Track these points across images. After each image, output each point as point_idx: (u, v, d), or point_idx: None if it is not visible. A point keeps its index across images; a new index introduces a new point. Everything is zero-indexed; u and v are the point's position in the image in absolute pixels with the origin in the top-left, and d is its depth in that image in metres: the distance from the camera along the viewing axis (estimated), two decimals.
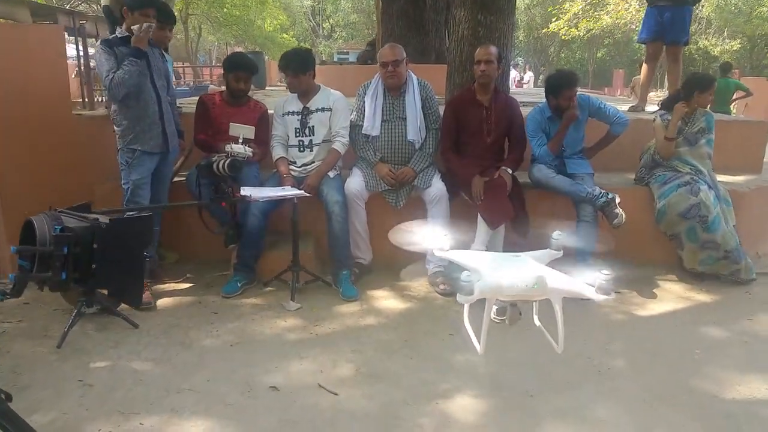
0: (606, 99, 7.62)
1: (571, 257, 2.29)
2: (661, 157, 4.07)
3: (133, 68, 3.25)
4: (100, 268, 1.49)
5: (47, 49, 3.80)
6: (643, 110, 5.49)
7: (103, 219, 1.50)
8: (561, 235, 2.11)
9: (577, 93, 3.85)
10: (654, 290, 3.79)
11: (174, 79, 4.72)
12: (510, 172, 3.70)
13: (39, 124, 3.76)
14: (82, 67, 12.24)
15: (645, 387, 2.65)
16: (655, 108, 4.70)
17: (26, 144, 3.74)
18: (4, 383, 2.58)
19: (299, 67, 3.77)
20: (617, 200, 3.67)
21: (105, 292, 2.62)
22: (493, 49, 3.71)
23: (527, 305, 2.29)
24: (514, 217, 3.61)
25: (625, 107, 5.61)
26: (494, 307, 1.99)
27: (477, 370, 2.75)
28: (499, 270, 1.93)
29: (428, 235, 2.16)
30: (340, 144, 3.86)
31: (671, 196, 3.88)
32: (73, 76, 11.90)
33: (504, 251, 3.76)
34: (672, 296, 3.73)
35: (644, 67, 5.78)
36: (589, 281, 1.83)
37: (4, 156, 3.70)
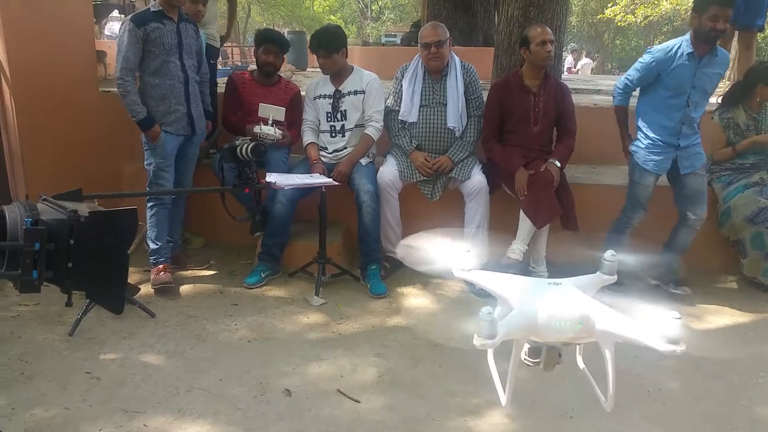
0: None
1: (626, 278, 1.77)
2: (716, 161, 3.69)
3: (133, 103, 3.17)
4: (77, 267, 1.30)
5: (73, 22, 3.67)
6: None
7: (83, 211, 1.31)
8: (616, 257, 1.69)
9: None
10: (712, 300, 3.44)
11: (220, 59, 4.54)
12: (558, 165, 3.39)
13: (64, 102, 3.64)
14: None
15: (700, 413, 2.35)
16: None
17: (50, 123, 3.63)
18: (11, 371, 2.50)
19: (330, 44, 3.53)
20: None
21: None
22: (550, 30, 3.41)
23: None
24: (561, 215, 3.32)
25: None
26: (526, 347, 1.54)
27: (504, 374, 2.49)
28: (532, 302, 1.49)
29: (447, 251, 1.74)
30: (374, 129, 3.62)
31: (737, 198, 3.51)
32: None
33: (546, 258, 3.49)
34: (732, 308, 3.36)
35: None
36: (651, 321, 1.42)
37: (28, 135, 3.60)
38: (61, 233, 1.29)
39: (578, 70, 16.64)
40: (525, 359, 1.55)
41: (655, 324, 1.37)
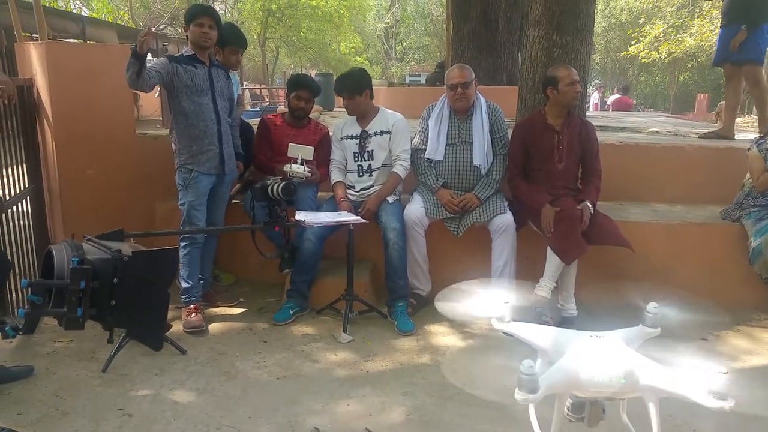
0: (689, 124, 7.15)
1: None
2: (759, 192, 3.65)
3: (130, 70, 3.06)
4: (120, 304, 1.35)
5: (114, 69, 3.84)
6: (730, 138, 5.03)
7: (125, 251, 1.38)
8: (659, 309, 1.61)
9: None
10: (745, 339, 3.36)
11: (249, 101, 4.69)
12: (591, 207, 3.40)
13: (102, 143, 3.80)
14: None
15: None
16: (753, 135, 4.25)
17: (89, 162, 3.78)
18: (46, 407, 2.54)
19: (353, 88, 3.65)
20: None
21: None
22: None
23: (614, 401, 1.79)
24: (613, 239, 3.35)
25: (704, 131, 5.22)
26: (569, 402, 1.51)
27: (547, 426, 2.46)
28: (575, 357, 1.48)
29: (485, 302, 1.71)
30: (401, 168, 3.68)
31: None
32: (156, 95, 12.42)
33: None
34: (767, 347, 3.29)
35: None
36: (697, 375, 1.37)
37: (67, 174, 3.75)
38: (105, 272, 1.35)
39: (609, 106, 16.61)
40: (568, 415, 1.52)
41: (702, 379, 1.34)
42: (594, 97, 16.63)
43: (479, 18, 7.27)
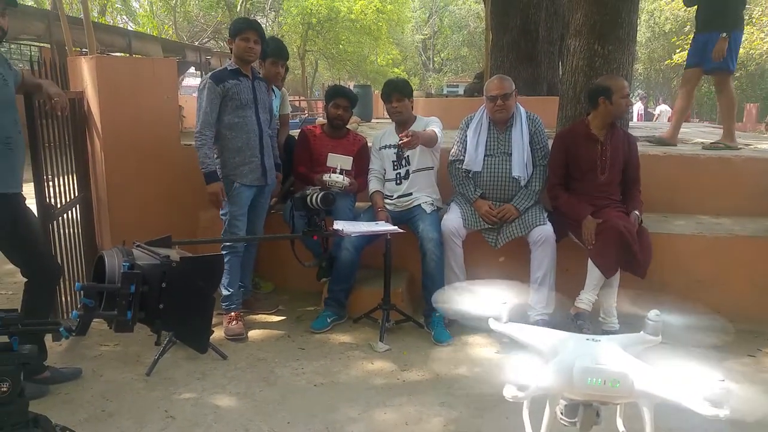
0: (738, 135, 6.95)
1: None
2: None
3: (206, 156, 3.32)
4: (168, 308, 1.40)
5: (160, 82, 3.97)
6: None
7: (174, 257, 1.42)
8: (661, 317, 1.53)
9: None
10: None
11: (290, 112, 4.76)
12: (639, 217, 3.37)
13: (148, 154, 3.92)
14: None
15: None
16: None
17: (135, 172, 3.91)
18: (93, 408, 2.63)
19: (405, 89, 3.72)
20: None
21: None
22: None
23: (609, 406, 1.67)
24: (634, 260, 3.26)
25: (763, 145, 5.05)
26: (563, 404, 1.45)
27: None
28: (568, 357, 1.43)
29: (483, 303, 1.69)
30: (437, 130, 3.63)
31: None
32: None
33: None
34: None
35: None
36: (694, 383, 1.31)
37: (114, 184, 3.88)
38: (154, 277, 1.40)
39: (656, 116, 16.28)
40: (561, 419, 1.47)
41: (699, 386, 1.30)
42: (638, 107, 16.32)
43: (519, 28, 7.25)
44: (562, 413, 1.46)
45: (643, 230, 3.40)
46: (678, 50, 22.37)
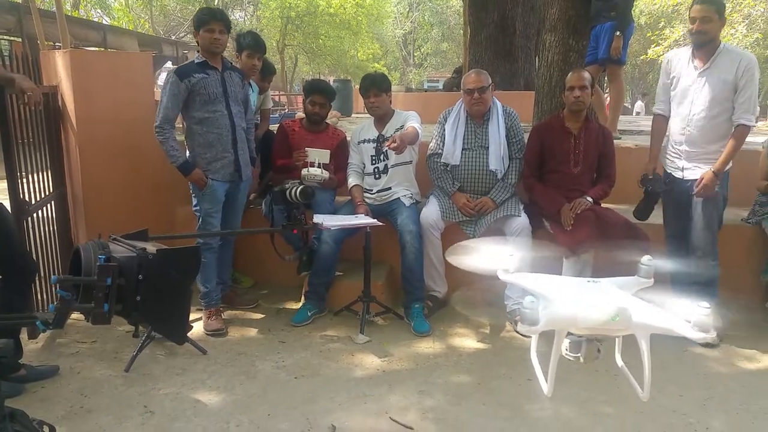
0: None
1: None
2: (762, 193, 3.64)
3: (172, 149, 3.30)
4: (145, 300, 1.40)
5: (135, 76, 3.94)
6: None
7: (150, 249, 1.43)
8: (653, 261, 1.73)
9: None
10: (762, 340, 3.33)
11: (271, 106, 4.72)
12: (590, 200, 3.46)
13: (124, 149, 3.88)
14: None
15: None
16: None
17: (111, 168, 3.87)
18: (71, 404, 2.61)
19: (383, 84, 3.72)
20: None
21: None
22: (587, 75, 3.47)
23: (608, 341, 1.84)
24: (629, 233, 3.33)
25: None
26: (567, 341, 1.63)
27: (556, 423, 2.48)
28: (573, 296, 1.62)
29: (491, 255, 1.84)
30: (417, 125, 3.63)
31: None
32: None
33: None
34: None
35: None
36: (684, 315, 1.48)
37: (90, 180, 3.84)
38: (131, 269, 1.40)
39: (637, 113, 16.43)
40: (566, 353, 1.64)
41: (687, 314, 1.45)
42: (638, 105, 16.38)
43: (496, 23, 7.30)
44: (567, 349, 1.64)
45: (608, 210, 3.50)
46: (653, 45, 22.66)
